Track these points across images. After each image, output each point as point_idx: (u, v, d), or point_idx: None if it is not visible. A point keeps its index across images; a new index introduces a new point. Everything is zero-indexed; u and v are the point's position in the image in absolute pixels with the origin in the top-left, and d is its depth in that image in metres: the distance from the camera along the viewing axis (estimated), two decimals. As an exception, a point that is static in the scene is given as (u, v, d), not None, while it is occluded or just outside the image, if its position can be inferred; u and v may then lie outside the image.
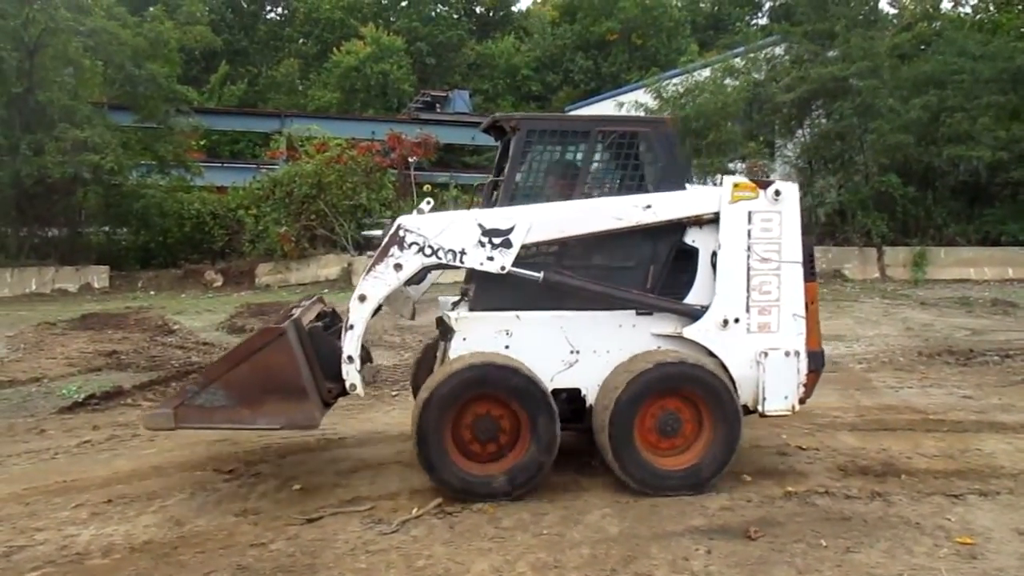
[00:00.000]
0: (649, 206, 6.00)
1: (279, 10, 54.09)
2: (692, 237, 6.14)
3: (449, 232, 5.94)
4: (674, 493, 5.78)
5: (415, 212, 6.37)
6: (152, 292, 22.45)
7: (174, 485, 6.22)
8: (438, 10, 52.14)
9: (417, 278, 6.44)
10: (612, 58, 46.90)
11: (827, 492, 5.91)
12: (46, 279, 22.60)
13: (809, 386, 6.14)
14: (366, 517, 5.50)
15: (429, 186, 27.77)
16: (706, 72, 25.10)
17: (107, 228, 25.76)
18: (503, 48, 49.15)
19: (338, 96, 44.21)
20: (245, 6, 51.31)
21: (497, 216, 5.97)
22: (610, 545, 5.03)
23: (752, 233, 6.00)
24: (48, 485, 6.29)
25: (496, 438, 5.81)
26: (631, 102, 26.20)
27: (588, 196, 6.18)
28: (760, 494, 5.87)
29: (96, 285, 22.99)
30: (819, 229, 23.52)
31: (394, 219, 6.15)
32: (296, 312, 6.30)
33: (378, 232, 6.32)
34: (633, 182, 6.29)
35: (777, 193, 6.02)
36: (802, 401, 6.13)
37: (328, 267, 22.99)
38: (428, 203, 6.73)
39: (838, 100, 22.61)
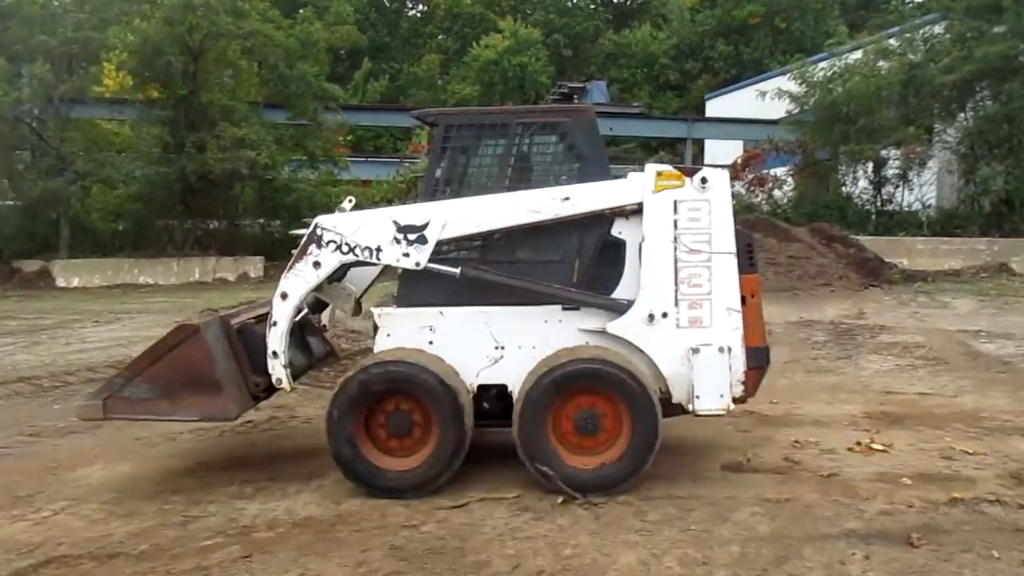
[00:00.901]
0: (567, 198, 5.78)
1: (420, 7, 55.47)
2: (619, 229, 5.87)
3: (365, 229, 5.89)
4: (585, 493, 5.55)
5: (336, 211, 6.28)
6: (303, 281, 23.56)
7: (330, 466, 6.49)
8: (575, 1, 52.06)
9: (337, 275, 6.20)
10: (754, 43, 45.52)
11: (998, 500, 5.52)
12: (208, 268, 24.19)
13: (750, 384, 5.76)
14: (513, 504, 5.57)
15: (566, 177, 27.81)
16: (857, 55, 23.93)
17: (262, 220, 27.29)
18: (640, 37, 48.58)
19: (477, 90, 44.98)
20: (388, 4, 52.97)
21: (412, 212, 5.86)
22: (760, 544, 4.89)
23: (679, 223, 5.69)
24: (217, 461, 6.73)
25: (410, 430, 5.77)
26: (773, 89, 25.32)
27: (512, 189, 5.97)
28: (923, 499, 5.56)
29: (252, 275, 24.40)
30: (982, 220, 22.01)
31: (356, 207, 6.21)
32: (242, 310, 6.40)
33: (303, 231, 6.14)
34: (555, 173, 6.10)
35: (703, 180, 5.70)
36: (743, 400, 5.81)
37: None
38: (350, 201, 6.60)
39: (1007, 81, 21.04)
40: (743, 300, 5.73)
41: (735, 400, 5.73)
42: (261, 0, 27.71)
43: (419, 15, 55.39)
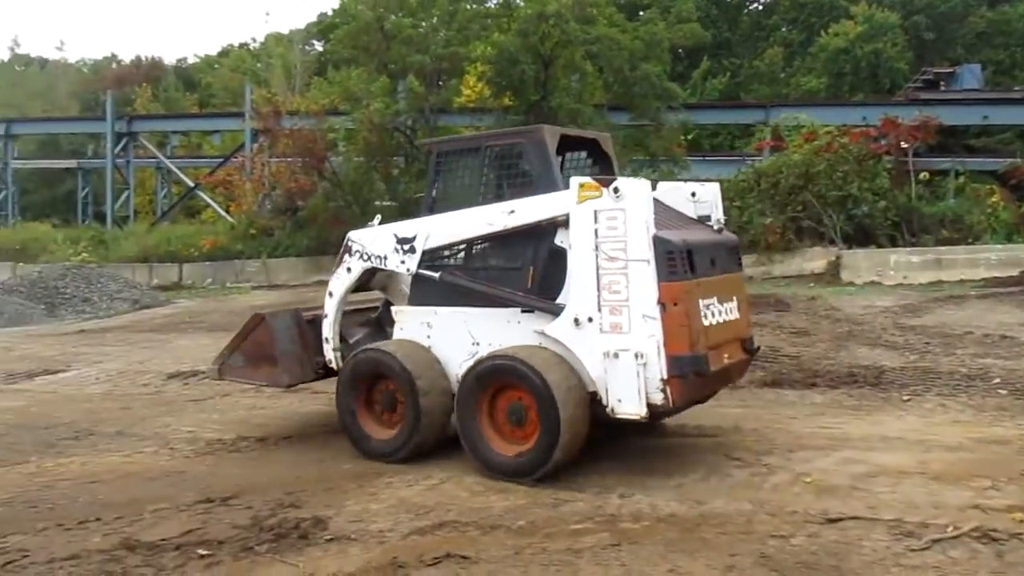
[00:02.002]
0: (513, 211, 6.36)
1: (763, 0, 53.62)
2: (560, 238, 6.24)
3: (376, 242, 7.09)
4: (507, 479, 6.06)
5: (368, 225, 7.43)
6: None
7: (690, 464, 6.48)
8: (941, -22, 47.00)
9: (365, 279, 7.36)
10: None
11: None
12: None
13: (674, 393, 5.75)
14: (893, 528, 5.12)
15: (926, 174, 25.27)
16: None
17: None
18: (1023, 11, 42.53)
19: (825, 81, 42.45)
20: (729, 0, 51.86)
21: (406, 227, 6.99)
22: None
23: (599, 232, 5.92)
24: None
25: (395, 407, 6.72)
26: None
27: (485, 204, 6.64)
28: None
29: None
30: None
31: (381, 224, 7.31)
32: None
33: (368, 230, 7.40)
34: (516, 188, 6.60)
35: (616, 190, 5.84)
36: (667, 408, 5.87)
37: (814, 260, 22.18)
38: (378, 218, 7.62)
39: None
40: (663, 307, 5.71)
41: (656, 407, 5.82)
42: (607, 5, 28.55)
43: (761, 7, 53.60)
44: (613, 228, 5.88)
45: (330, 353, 7.35)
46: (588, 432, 6.19)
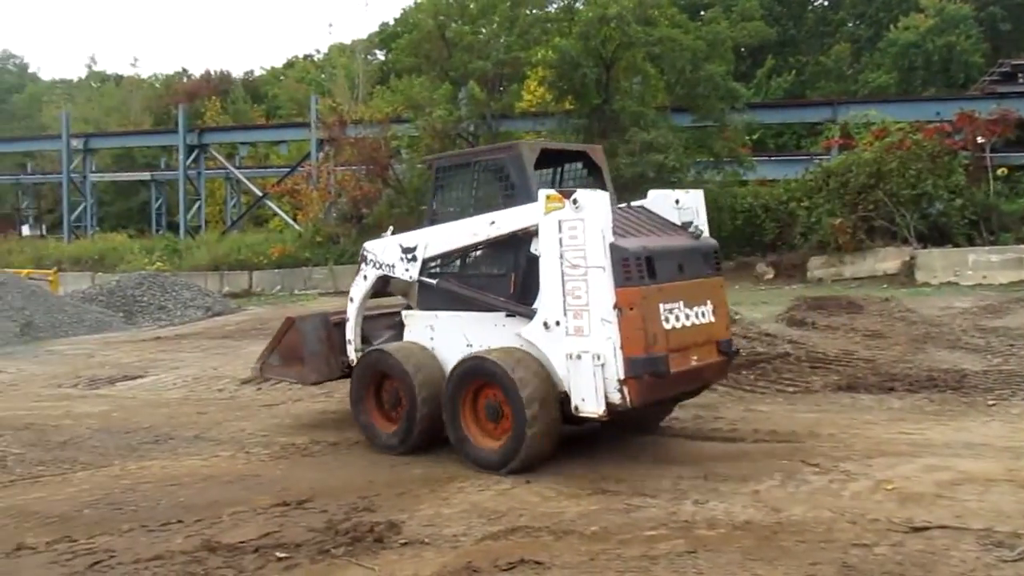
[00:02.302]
0: (493, 222, 6.81)
1: (829, -5, 52.50)
2: (535, 246, 6.55)
3: (386, 252, 7.71)
4: (486, 470, 6.45)
5: (382, 236, 8.05)
6: (706, 282, 23.57)
7: (764, 470, 6.35)
8: (1017, -33, 45.36)
9: (380, 286, 7.92)
10: None
11: None
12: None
13: (632, 393, 6.01)
14: (982, 537, 4.93)
15: (1005, 169, 24.40)
16: None
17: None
18: (1106, -1, 40.81)
19: (895, 77, 41.33)
20: (794, -4, 50.93)
21: (410, 238, 7.51)
22: None
23: (563, 241, 6.24)
24: (649, 455, 6.94)
25: (398, 403, 7.20)
26: None
27: (476, 215, 7.03)
28: None
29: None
30: None
31: (393, 234, 7.86)
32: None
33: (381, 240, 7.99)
34: (501, 200, 6.98)
35: (575, 202, 6.16)
36: (626, 408, 6.06)
37: (886, 260, 21.60)
38: (390, 229, 8.20)
39: None
40: (620, 312, 5.98)
41: (614, 406, 6.08)
42: (669, 6, 28.29)
43: (826, 3, 52.47)
44: (574, 237, 6.21)
45: (352, 353, 7.96)
46: (559, 429, 6.52)
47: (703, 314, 6.60)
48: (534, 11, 30.13)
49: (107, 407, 9.83)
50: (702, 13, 41.11)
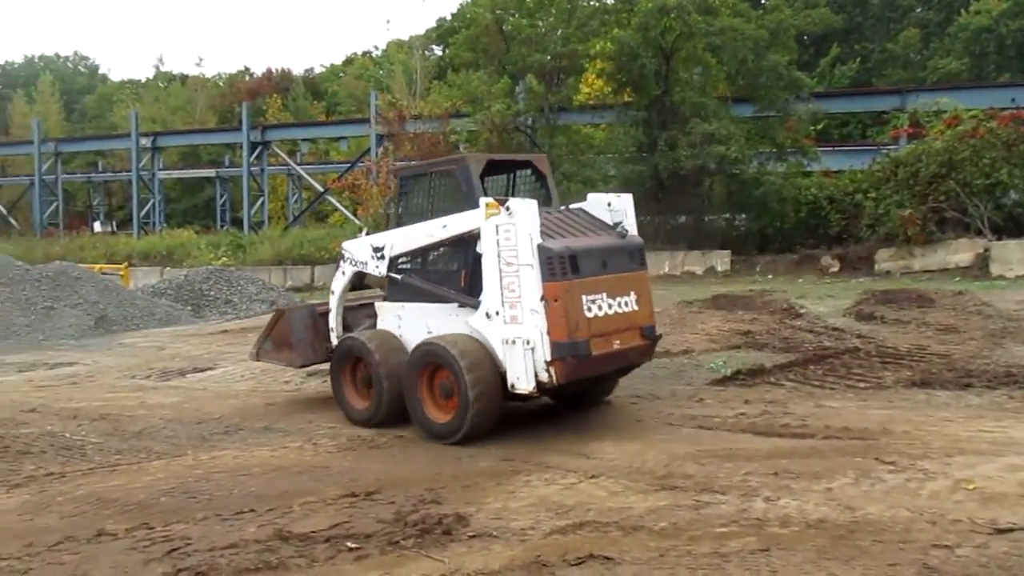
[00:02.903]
0: (445, 225, 7.74)
1: (896, -20, 51.00)
2: (480, 247, 7.37)
3: (359, 250, 8.69)
4: (439, 441, 7.33)
5: (358, 235, 9.10)
6: (769, 276, 23.17)
7: (836, 468, 6.20)
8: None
9: (356, 280, 8.89)
10: None
11: None
12: (677, 262, 25.03)
13: (559, 372, 6.91)
14: (1072, 540, 4.73)
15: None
16: None
17: (728, 215, 27.42)
18: None
19: (966, 63, 40.01)
20: (859, -18, 49.64)
21: (379, 238, 8.54)
22: None
23: (500, 242, 7.11)
24: (717, 450, 6.81)
25: (370, 384, 8.13)
26: None
27: (433, 218, 7.97)
28: None
29: (719, 268, 24.65)
30: None
31: (367, 235, 8.91)
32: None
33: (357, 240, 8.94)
34: (450, 206, 7.88)
35: (508, 209, 7.04)
36: (554, 385, 7.01)
37: (959, 253, 20.92)
38: (364, 230, 9.40)
39: None
40: (546, 302, 6.88)
41: (543, 384, 7.00)
42: (731, -6, 27.85)
43: (894, -12, 51.04)
44: (508, 239, 7.08)
45: (335, 340, 8.87)
46: (500, 405, 7.38)
47: (626, 304, 7.51)
48: (592, 2, 29.96)
49: (179, 398, 10.07)
50: (763, 1, 40.42)
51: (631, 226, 7.98)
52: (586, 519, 5.35)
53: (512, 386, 7.15)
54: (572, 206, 8.15)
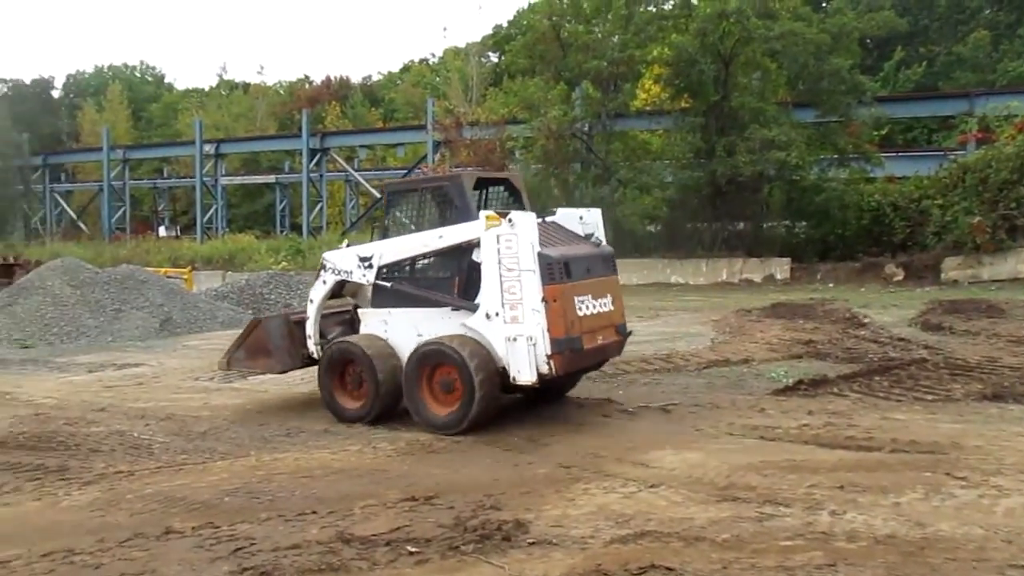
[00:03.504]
0: (441, 236, 8.37)
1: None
2: (477, 255, 8.06)
3: (343, 260, 9.07)
4: (443, 432, 7.90)
5: (339, 247, 9.51)
6: (830, 284, 22.72)
7: (905, 482, 6.03)
8: None
9: (336, 288, 9.25)
10: None
11: None
12: (735, 269, 24.70)
13: (558, 364, 7.64)
14: None
15: None
16: None
17: (787, 222, 26.96)
18: None
19: (1039, 65, 38.69)
20: (925, -16, 48.39)
21: (365, 249, 8.95)
22: None
23: (501, 251, 7.76)
24: (780, 461, 6.68)
25: (361, 384, 8.56)
26: None
27: (422, 230, 8.67)
28: None
29: (778, 276, 24.25)
30: None
31: (348, 246, 9.33)
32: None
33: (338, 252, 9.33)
34: (445, 219, 8.62)
35: (510, 221, 7.72)
36: (552, 376, 7.73)
37: (1031, 261, 20.25)
38: (345, 242, 9.94)
39: None
40: (546, 303, 7.62)
41: (544, 376, 7.68)
42: (791, -2, 27.41)
43: (962, -10, 49.63)
44: (510, 247, 7.73)
45: (312, 346, 9.28)
46: (499, 397, 8.08)
47: (605, 304, 8.42)
48: (650, 8, 29.76)
49: (241, 400, 10.27)
50: (824, 5, 39.68)
51: (601, 237, 8.95)
52: (647, 529, 5.29)
53: (513, 379, 7.79)
54: (547, 219, 8.84)
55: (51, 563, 5.03)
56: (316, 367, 9.23)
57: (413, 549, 5.04)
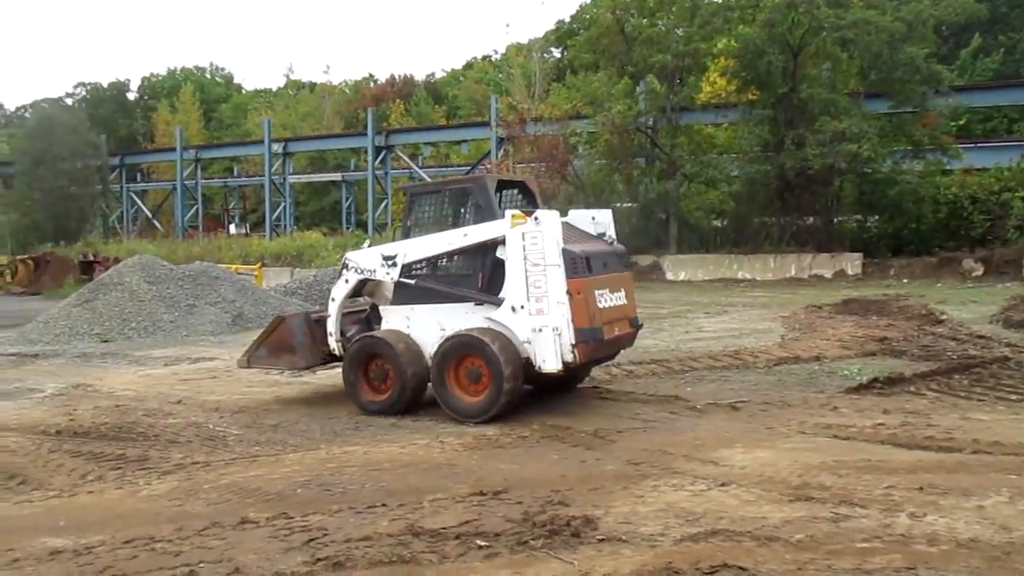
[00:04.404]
0: (466, 235, 8.73)
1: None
2: (501, 252, 8.46)
3: (367, 259, 9.41)
4: (470, 421, 8.27)
5: (361, 247, 9.89)
6: (904, 280, 22.07)
7: (988, 484, 5.82)
8: None
9: (358, 287, 9.54)
10: None
11: None
12: (804, 264, 24.20)
13: (582, 353, 8.16)
14: None
15: None
16: None
17: (859, 216, 26.28)
18: None
19: None
20: (1005, -32, 46.55)
21: (390, 248, 9.34)
22: None
23: (526, 247, 8.18)
24: (855, 461, 6.51)
25: (386, 378, 8.93)
26: None
27: (446, 230, 8.98)
28: None
29: (849, 271, 23.67)
30: None
31: (370, 246, 9.82)
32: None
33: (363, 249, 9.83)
34: (467, 219, 9.03)
35: (536, 219, 8.18)
36: (575, 364, 8.27)
37: (1121, 256, 19.33)
38: (367, 241, 10.54)
39: None
40: (570, 296, 8.06)
41: (568, 364, 8.14)
42: (864, -15, 26.68)
43: (1045, -27, 47.58)
44: (535, 244, 8.14)
45: (334, 343, 9.57)
46: (523, 386, 8.46)
47: (620, 298, 8.95)
48: (716, 0, 29.32)
49: (310, 393, 10.46)
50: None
51: (613, 236, 9.45)
52: (718, 527, 5.21)
53: (539, 367, 8.18)
54: (561, 220, 9.04)
55: (133, 549, 5.19)
56: (334, 363, 9.70)
57: (482, 543, 5.05)
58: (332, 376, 11.27)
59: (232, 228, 58.88)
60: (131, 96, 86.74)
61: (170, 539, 5.35)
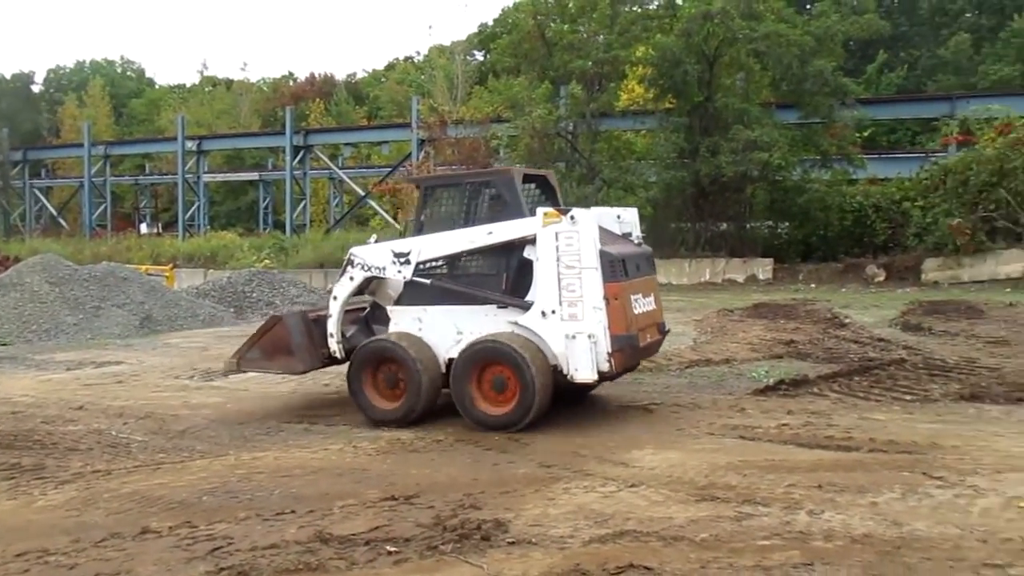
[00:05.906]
0: (491, 232, 8.09)
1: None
2: (528, 252, 7.93)
3: (376, 256, 8.65)
4: (496, 431, 7.70)
5: (367, 242, 9.04)
6: (812, 285, 22.86)
7: (882, 482, 6.07)
8: None
9: (363, 286, 8.79)
10: None
11: None
12: (718, 269, 24.83)
13: (616, 363, 7.64)
14: None
15: None
16: None
17: (770, 222, 27.12)
18: None
19: (1019, 69, 39.14)
20: (907, -13, 48.82)
21: (402, 244, 8.62)
22: None
23: (559, 248, 7.64)
24: (759, 461, 6.71)
25: (397, 384, 8.27)
26: None
27: (466, 226, 8.32)
28: None
29: (760, 276, 24.39)
30: None
31: (378, 241, 8.97)
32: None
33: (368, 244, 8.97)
34: (490, 214, 8.33)
35: (572, 218, 7.63)
36: (615, 374, 7.93)
37: (1010, 263, 20.48)
38: (374, 237, 9.49)
39: None
40: (607, 301, 7.56)
41: (604, 374, 7.72)
42: (776, 0, 27.54)
43: (943, -6, 50.03)
44: (570, 244, 7.64)
45: (334, 345, 8.87)
46: (552, 394, 7.86)
47: (650, 303, 8.51)
48: (634, 8, 29.84)
49: (221, 398, 10.20)
50: (808, 7, 39.85)
51: (639, 236, 8.92)
52: (626, 528, 5.30)
53: (571, 377, 7.69)
54: None
55: (25, 563, 4.97)
56: (329, 367, 9.15)
57: (392, 549, 5.02)
58: (245, 380, 11.04)
59: (143, 228, 57.05)
60: (36, 89, 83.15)
61: (65, 551, 5.15)
